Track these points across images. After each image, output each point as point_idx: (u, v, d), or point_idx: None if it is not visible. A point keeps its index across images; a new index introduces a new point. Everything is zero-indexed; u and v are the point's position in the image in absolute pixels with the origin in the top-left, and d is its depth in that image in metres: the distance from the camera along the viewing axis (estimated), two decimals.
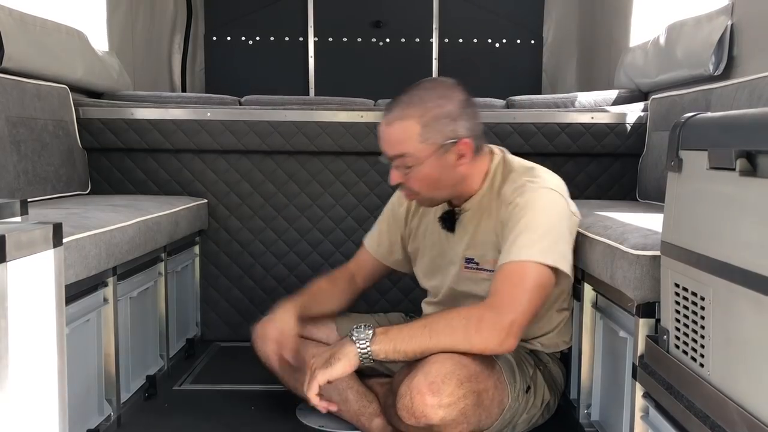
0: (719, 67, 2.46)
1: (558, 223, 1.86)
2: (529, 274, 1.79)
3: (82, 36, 3.03)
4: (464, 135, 1.88)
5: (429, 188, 1.94)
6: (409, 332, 1.78)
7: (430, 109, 1.85)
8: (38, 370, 1.14)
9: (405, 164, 1.89)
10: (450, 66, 4.65)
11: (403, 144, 1.86)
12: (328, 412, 2.10)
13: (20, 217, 1.25)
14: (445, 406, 1.74)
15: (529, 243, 1.80)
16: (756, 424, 1.09)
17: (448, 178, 1.92)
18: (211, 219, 2.99)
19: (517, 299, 1.77)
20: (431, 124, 1.85)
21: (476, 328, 1.75)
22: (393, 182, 1.95)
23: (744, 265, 1.13)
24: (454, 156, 1.89)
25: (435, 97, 1.87)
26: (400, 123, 1.86)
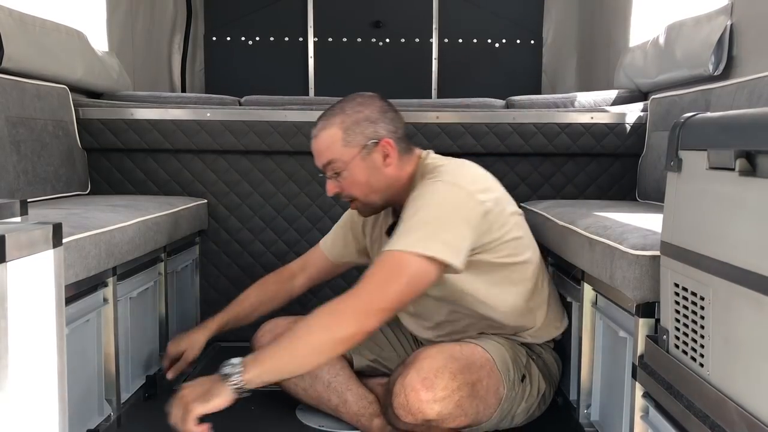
0: (719, 67, 2.46)
1: (448, 214, 1.81)
2: (397, 263, 1.76)
3: (82, 36, 3.03)
4: (385, 135, 1.96)
5: (363, 192, 1.99)
6: (276, 348, 1.74)
7: (349, 115, 1.96)
8: (38, 370, 1.14)
9: (335, 170, 1.96)
10: (450, 66, 4.65)
11: (329, 150, 1.95)
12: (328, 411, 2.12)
13: (20, 218, 1.25)
14: (440, 400, 1.76)
15: (406, 233, 1.78)
16: (755, 423, 1.09)
17: (378, 179, 1.97)
18: (211, 219, 2.99)
19: (378, 285, 1.75)
20: (352, 128, 1.94)
21: (338, 319, 1.72)
22: (329, 193, 2.01)
23: (744, 265, 1.13)
24: (380, 156, 1.95)
25: (354, 104, 1.99)
26: (324, 132, 1.97)
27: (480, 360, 1.88)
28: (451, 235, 1.79)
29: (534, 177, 2.99)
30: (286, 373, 1.80)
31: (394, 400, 1.80)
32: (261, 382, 1.71)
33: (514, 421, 1.98)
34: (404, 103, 3.03)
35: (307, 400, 2.16)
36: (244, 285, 2.99)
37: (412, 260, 1.75)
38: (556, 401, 2.29)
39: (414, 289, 1.79)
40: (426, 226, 1.79)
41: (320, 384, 2.11)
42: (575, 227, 2.03)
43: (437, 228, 1.79)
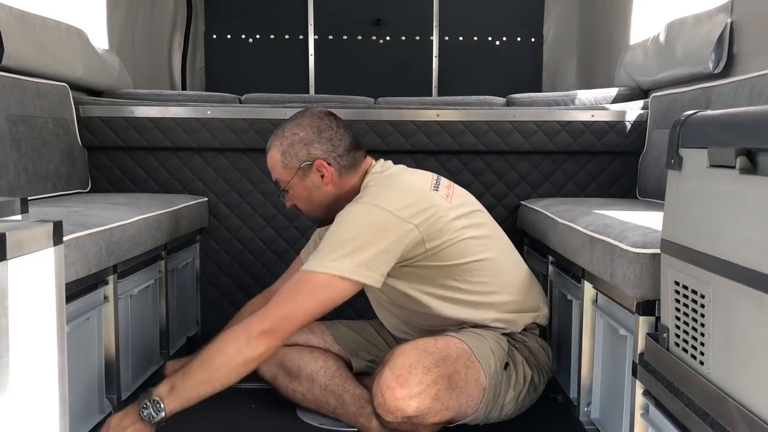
0: (719, 65, 2.46)
1: (361, 234, 1.86)
2: (307, 283, 1.84)
3: (82, 34, 3.03)
4: (320, 155, 2.05)
5: (307, 208, 2.13)
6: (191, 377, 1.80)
7: (287, 137, 2.07)
8: (39, 368, 1.14)
9: (283, 188, 2.11)
10: (450, 64, 4.65)
11: (273, 170, 2.10)
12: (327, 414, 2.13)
13: (20, 216, 1.25)
14: (415, 396, 1.78)
15: (320, 254, 1.86)
16: (756, 421, 1.09)
17: (318, 197, 2.08)
18: (212, 217, 2.99)
19: (287, 305, 1.83)
20: (288, 151, 2.06)
21: (247, 338, 1.79)
22: (287, 205, 2.16)
23: (744, 263, 1.13)
24: (317, 176, 2.06)
25: (292, 126, 2.08)
26: (269, 153, 2.10)
27: (456, 351, 1.89)
28: (364, 254, 1.84)
29: (534, 175, 2.99)
30: (203, 397, 1.83)
31: (373, 400, 1.83)
32: (179, 410, 1.79)
33: (504, 411, 1.97)
34: (404, 100, 3.04)
35: (306, 404, 2.17)
36: (244, 283, 3.01)
37: (323, 280, 1.83)
38: (556, 399, 2.29)
39: (324, 307, 1.87)
40: (341, 247, 1.84)
41: (317, 387, 2.12)
42: (576, 225, 2.03)
43: (352, 249, 1.84)
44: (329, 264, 1.82)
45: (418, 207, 1.93)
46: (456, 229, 1.97)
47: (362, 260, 1.83)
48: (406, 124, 2.89)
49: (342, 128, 2.10)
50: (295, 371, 2.16)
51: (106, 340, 2.06)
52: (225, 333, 1.84)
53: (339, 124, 2.10)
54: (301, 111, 2.14)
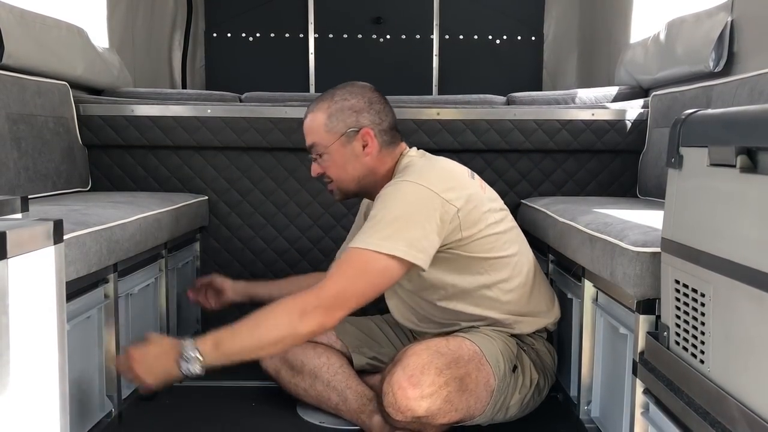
0: (719, 64, 2.46)
1: (412, 213, 1.85)
2: (360, 261, 1.82)
3: (83, 33, 3.03)
4: (367, 125, 2.03)
5: (339, 176, 2.07)
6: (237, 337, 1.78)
7: (336, 102, 2.04)
8: (39, 366, 1.14)
9: (317, 152, 2.06)
10: (450, 62, 4.65)
11: (313, 133, 2.06)
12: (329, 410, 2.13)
13: (21, 214, 1.25)
14: (427, 397, 1.78)
15: (369, 232, 1.83)
16: (756, 420, 1.09)
17: (355, 167, 2.05)
18: (212, 216, 2.99)
19: (343, 283, 1.80)
20: (336, 115, 2.03)
21: (301, 312, 1.76)
22: (313, 174, 2.11)
23: (744, 261, 1.13)
24: (359, 145, 2.03)
25: (343, 92, 2.07)
26: (310, 115, 2.07)
27: (468, 353, 1.89)
28: (414, 234, 1.82)
29: (534, 174, 2.99)
30: (243, 362, 1.81)
31: (383, 399, 1.82)
32: (215, 366, 1.76)
33: (508, 413, 1.98)
34: (405, 99, 3.03)
35: (308, 400, 2.17)
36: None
37: (375, 259, 1.80)
38: (557, 397, 2.29)
39: (376, 288, 1.85)
40: (390, 225, 1.82)
41: (320, 383, 2.12)
42: (576, 224, 2.03)
43: (401, 227, 1.82)
44: (382, 243, 1.80)
45: (461, 192, 1.94)
46: (489, 223, 1.98)
47: (413, 240, 1.82)
48: (407, 123, 2.88)
49: (389, 105, 2.10)
50: (299, 366, 2.16)
51: (107, 338, 2.06)
52: (279, 304, 1.80)
53: (386, 101, 2.10)
54: (344, 83, 2.12)
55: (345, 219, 3.00)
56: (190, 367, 1.74)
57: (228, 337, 1.77)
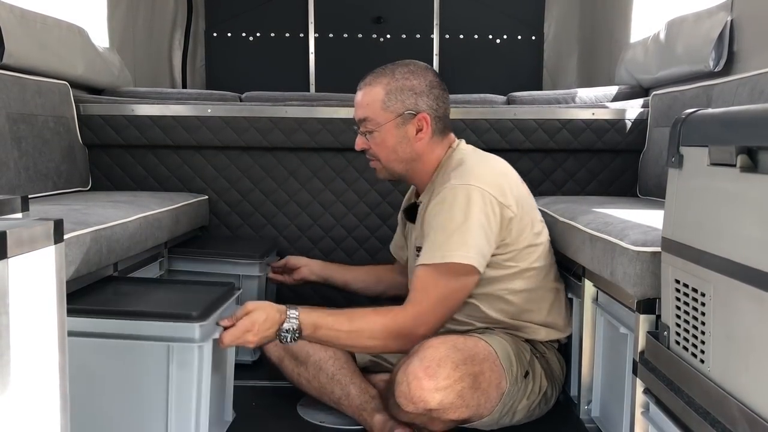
0: (719, 63, 2.46)
1: (475, 219, 1.88)
2: (439, 279, 1.88)
3: (83, 32, 3.03)
4: (425, 110, 2.01)
5: (387, 157, 2.06)
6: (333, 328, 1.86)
7: (397, 80, 2.00)
8: (40, 366, 1.14)
9: (367, 128, 2.03)
10: (450, 62, 4.64)
11: (368, 107, 2.02)
12: (330, 407, 2.13)
13: (21, 214, 1.25)
14: (441, 389, 1.77)
15: (435, 246, 1.88)
16: (756, 420, 1.09)
17: (405, 150, 2.03)
18: (212, 215, 2.99)
19: (429, 309, 1.88)
20: (395, 93, 1.99)
21: (396, 335, 1.86)
22: (357, 147, 2.09)
23: (745, 261, 1.13)
24: (413, 128, 2.01)
25: (405, 70, 2.02)
26: (368, 88, 2.02)
27: (483, 353, 1.89)
28: (481, 240, 1.88)
29: (535, 173, 2.98)
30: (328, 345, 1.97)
31: (396, 388, 1.81)
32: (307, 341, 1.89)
33: (515, 418, 1.98)
34: None
35: (309, 391, 2.16)
36: None
37: (447, 274, 1.87)
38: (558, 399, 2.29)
39: (457, 304, 1.94)
40: (453, 234, 1.87)
41: (324, 375, 2.11)
42: (576, 223, 2.03)
43: (463, 234, 1.86)
44: (456, 254, 1.85)
45: (516, 197, 1.98)
46: (534, 232, 2.03)
47: (480, 246, 1.88)
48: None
49: (446, 92, 2.07)
50: (303, 357, 2.15)
51: None
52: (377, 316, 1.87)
53: (445, 86, 2.07)
54: (410, 60, 2.08)
55: (345, 218, 3.00)
56: (287, 336, 1.81)
57: (328, 324, 1.85)
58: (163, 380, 1.65)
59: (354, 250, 3.01)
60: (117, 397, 1.66)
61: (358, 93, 2.06)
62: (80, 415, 1.51)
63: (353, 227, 3.00)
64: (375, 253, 2.99)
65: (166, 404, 1.65)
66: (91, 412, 1.64)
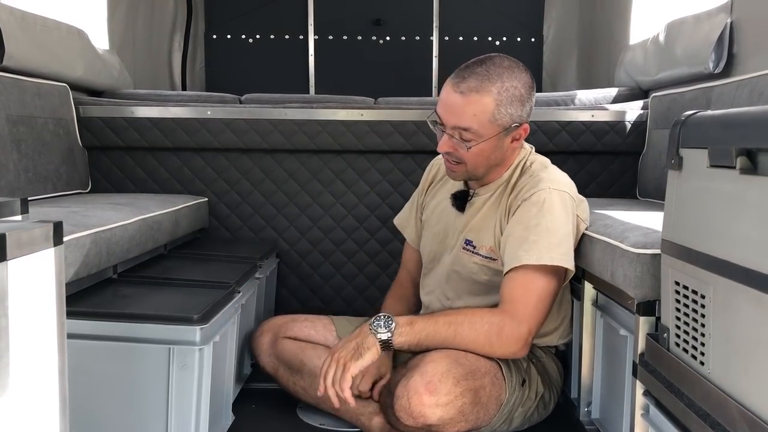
0: (719, 65, 2.46)
1: (565, 224, 1.89)
2: (541, 280, 1.85)
3: (83, 34, 3.03)
4: (527, 120, 1.92)
5: (476, 164, 1.93)
6: (434, 328, 1.82)
7: (507, 89, 1.84)
8: (39, 369, 1.14)
9: (464, 138, 1.87)
10: (450, 64, 4.60)
11: (473, 119, 1.84)
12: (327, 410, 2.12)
13: (20, 216, 1.25)
14: (442, 405, 1.75)
15: (539, 246, 1.84)
16: (756, 422, 1.09)
17: (496, 157, 1.95)
18: (212, 217, 2.98)
19: (532, 308, 1.85)
20: (505, 105, 1.85)
21: (498, 335, 1.83)
22: (441, 149, 1.92)
23: (744, 263, 1.13)
24: (511, 138, 1.92)
25: (512, 76, 1.86)
26: (476, 96, 1.83)
27: (484, 366, 1.87)
28: (568, 243, 1.89)
29: None
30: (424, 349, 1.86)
31: (396, 402, 1.79)
32: (407, 350, 1.86)
33: (512, 425, 1.97)
34: (404, 101, 3.04)
35: (306, 399, 2.16)
36: None
37: (549, 276, 1.86)
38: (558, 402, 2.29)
39: (552, 301, 1.92)
40: (556, 235, 1.86)
41: None
42: None
43: (564, 240, 1.87)
44: (554, 256, 1.85)
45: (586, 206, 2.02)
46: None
47: (566, 249, 1.88)
48: (407, 124, 2.89)
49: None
50: (298, 366, 2.14)
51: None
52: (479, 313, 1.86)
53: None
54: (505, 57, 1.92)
55: (345, 220, 3.00)
56: (380, 329, 1.78)
57: (424, 320, 1.84)
58: (163, 383, 1.64)
59: (354, 252, 3.01)
60: (117, 400, 1.66)
61: (457, 96, 1.84)
62: (80, 418, 1.51)
63: (353, 229, 3.00)
64: (375, 254, 2.99)
65: (167, 407, 1.65)
66: (91, 415, 1.63)
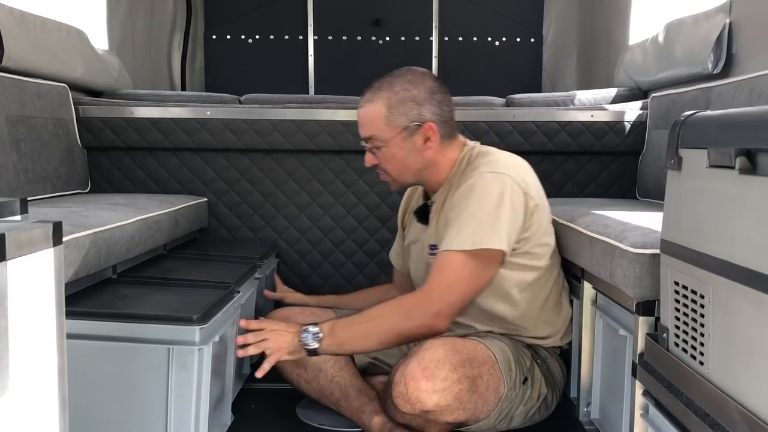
0: (718, 65, 2.46)
1: (497, 205, 1.87)
2: (458, 263, 1.87)
3: (82, 35, 3.03)
4: (429, 119, 1.98)
5: (397, 170, 2.04)
6: (351, 330, 1.89)
7: (396, 92, 1.97)
8: (39, 369, 1.14)
9: (374, 145, 2.01)
10: (450, 64, 4.65)
11: (371, 125, 1.99)
12: (329, 409, 2.13)
13: (20, 216, 1.25)
14: (439, 391, 1.77)
15: (460, 231, 1.87)
16: (756, 422, 1.09)
17: (415, 161, 2.01)
18: (211, 217, 2.98)
19: (445, 288, 1.87)
20: (397, 107, 1.96)
21: (406, 316, 1.87)
22: (367, 164, 2.06)
23: (744, 263, 1.13)
24: (421, 138, 1.99)
25: (403, 81, 1.99)
26: (369, 105, 1.99)
27: (482, 356, 1.89)
28: (503, 224, 1.87)
29: None
30: (350, 352, 1.99)
31: (393, 389, 1.81)
32: (329, 352, 1.91)
33: (512, 424, 1.97)
34: None
35: (309, 392, 2.16)
36: None
37: (471, 258, 1.85)
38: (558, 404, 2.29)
39: (476, 287, 1.92)
40: (479, 218, 1.86)
41: (324, 377, 2.11)
42: (575, 225, 2.03)
43: (490, 219, 1.86)
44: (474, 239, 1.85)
45: (538, 189, 2.01)
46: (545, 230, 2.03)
47: (501, 230, 1.87)
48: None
49: (448, 93, 2.04)
50: (303, 358, 2.15)
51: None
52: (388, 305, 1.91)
53: (446, 88, 2.04)
54: (407, 68, 2.04)
55: (344, 221, 3.00)
56: (309, 338, 1.86)
57: (343, 324, 1.90)
58: (163, 383, 1.64)
59: (353, 252, 3.01)
60: (117, 400, 1.66)
61: (359, 110, 2.02)
62: (80, 418, 1.51)
63: (352, 229, 3.00)
64: (374, 255, 2.99)
65: (166, 407, 1.65)
66: (90, 415, 1.63)
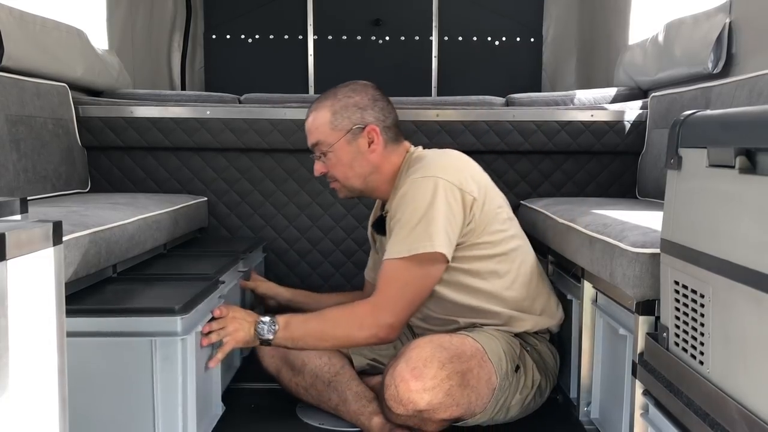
0: (718, 65, 2.46)
1: (428, 209, 1.91)
2: (400, 271, 1.92)
3: (82, 35, 3.03)
4: (372, 122, 2.07)
5: (344, 175, 2.11)
6: (305, 329, 1.96)
7: (339, 99, 2.08)
8: (39, 368, 1.14)
9: (321, 151, 2.09)
10: (449, 64, 4.65)
11: (317, 131, 2.08)
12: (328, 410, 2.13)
13: (20, 216, 1.25)
14: (429, 390, 1.79)
15: (399, 240, 1.92)
16: (755, 421, 1.09)
17: (361, 164, 2.09)
18: (211, 217, 2.99)
19: (392, 298, 1.92)
20: (340, 112, 2.06)
21: (359, 326, 1.93)
22: (316, 173, 2.15)
23: (744, 262, 1.13)
24: (365, 142, 2.07)
25: (346, 90, 2.10)
26: (314, 113, 2.09)
27: (471, 350, 1.90)
28: (440, 227, 1.90)
29: (534, 175, 2.99)
30: (303, 348, 2.03)
31: (385, 391, 1.83)
32: (281, 345, 1.97)
33: (509, 413, 1.98)
34: (404, 100, 3.03)
35: (307, 399, 2.16)
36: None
37: (414, 264, 1.90)
38: (556, 399, 2.29)
39: (423, 292, 1.96)
40: (417, 225, 1.90)
41: (320, 383, 2.11)
42: (575, 225, 2.04)
43: (428, 224, 1.89)
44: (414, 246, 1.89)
45: (477, 182, 2.01)
46: (500, 218, 2.04)
47: (439, 233, 1.90)
48: (406, 124, 2.88)
49: (390, 103, 2.14)
50: (299, 366, 2.16)
51: None
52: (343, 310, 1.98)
53: (388, 98, 2.14)
54: (350, 81, 2.16)
55: (344, 220, 3.00)
56: (265, 329, 1.92)
57: (299, 320, 1.96)
58: (148, 375, 1.65)
59: (353, 252, 3.01)
60: (103, 394, 1.66)
61: (306, 120, 2.12)
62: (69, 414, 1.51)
63: (352, 229, 3.00)
64: None
65: (153, 398, 1.66)
66: (78, 411, 1.63)
